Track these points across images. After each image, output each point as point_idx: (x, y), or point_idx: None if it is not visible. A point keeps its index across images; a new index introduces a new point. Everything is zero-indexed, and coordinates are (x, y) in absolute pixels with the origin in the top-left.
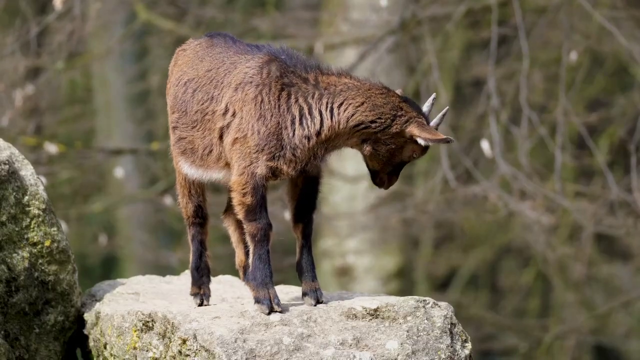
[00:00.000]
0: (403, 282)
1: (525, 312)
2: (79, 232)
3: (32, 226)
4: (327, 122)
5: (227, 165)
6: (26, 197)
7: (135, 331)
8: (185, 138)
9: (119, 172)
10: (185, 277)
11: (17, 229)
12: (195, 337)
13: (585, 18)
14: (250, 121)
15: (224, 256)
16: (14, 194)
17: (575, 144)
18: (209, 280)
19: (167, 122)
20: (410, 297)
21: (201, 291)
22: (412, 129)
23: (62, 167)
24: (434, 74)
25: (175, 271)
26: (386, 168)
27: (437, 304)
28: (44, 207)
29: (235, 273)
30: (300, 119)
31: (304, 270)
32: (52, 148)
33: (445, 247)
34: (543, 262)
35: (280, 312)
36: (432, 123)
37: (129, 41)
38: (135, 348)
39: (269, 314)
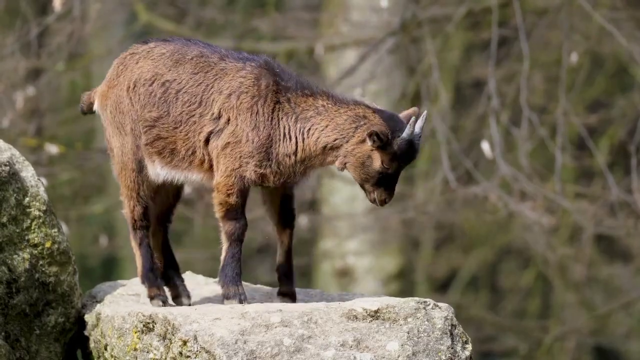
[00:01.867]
0: (403, 283)
1: (525, 313)
2: (80, 233)
3: (32, 227)
4: (300, 145)
5: (209, 168)
6: (27, 199)
7: (135, 332)
8: (167, 138)
9: None
10: (186, 278)
11: (17, 230)
12: (195, 338)
13: (585, 19)
14: (246, 129)
15: None
16: (15, 195)
17: (575, 145)
18: (162, 282)
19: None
20: (410, 298)
21: (160, 292)
22: (364, 132)
23: (62, 168)
24: (434, 75)
25: None
26: (367, 180)
27: (437, 305)
28: (44, 208)
29: None
30: (284, 138)
31: (287, 274)
32: (52, 149)
33: (445, 248)
34: (543, 263)
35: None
36: (405, 132)
37: (130, 42)
38: (135, 349)
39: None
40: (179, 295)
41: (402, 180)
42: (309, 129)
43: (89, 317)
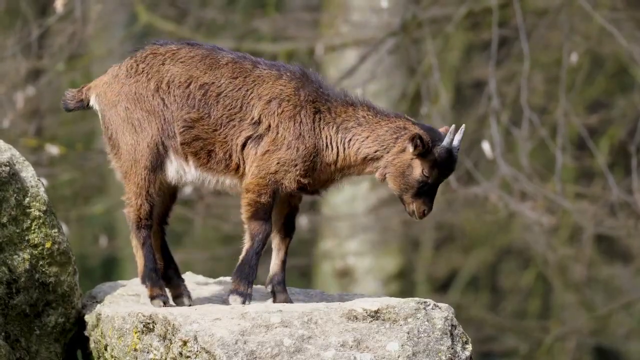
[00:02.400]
0: (403, 283)
1: (525, 314)
2: (80, 233)
3: (32, 228)
4: (340, 155)
5: (243, 174)
6: (27, 199)
7: (136, 333)
8: (205, 139)
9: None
10: (187, 279)
11: (17, 230)
12: (195, 338)
13: (585, 19)
14: (288, 138)
15: (224, 257)
16: (15, 195)
17: (575, 145)
18: (163, 282)
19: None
20: (410, 298)
21: (162, 292)
22: (406, 141)
23: (62, 168)
24: (435, 76)
25: None
26: (406, 190)
27: (437, 306)
28: (44, 208)
29: None
30: (326, 147)
31: (281, 282)
32: (53, 150)
33: (445, 248)
34: (543, 263)
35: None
36: (445, 140)
37: (130, 43)
38: (136, 349)
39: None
40: (180, 295)
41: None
42: (350, 139)
43: (89, 318)
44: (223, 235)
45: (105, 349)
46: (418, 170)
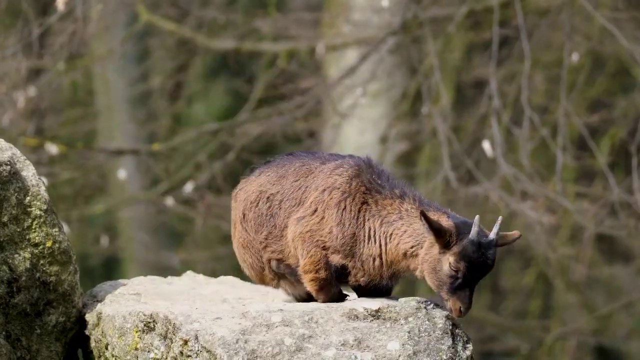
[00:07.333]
0: (404, 282)
1: (526, 313)
2: (81, 233)
3: (33, 227)
4: (383, 249)
5: None
6: (28, 198)
7: (136, 332)
8: (275, 250)
9: (121, 173)
10: (187, 278)
11: (18, 229)
12: (196, 337)
13: (586, 19)
14: (331, 224)
15: (225, 257)
16: (16, 194)
17: (576, 145)
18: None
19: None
20: (411, 298)
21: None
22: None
23: (63, 168)
24: (436, 75)
25: (177, 272)
26: (440, 287)
27: (438, 305)
28: (45, 207)
29: (236, 274)
30: (368, 239)
31: None
32: (53, 149)
33: None
34: (544, 263)
35: None
36: (472, 232)
37: (131, 42)
38: (136, 349)
39: None
40: None
41: (405, 180)
42: (391, 233)
43: (90, 317)
44: (224, 235)
45: (106, 348)
46: (446, 264)
